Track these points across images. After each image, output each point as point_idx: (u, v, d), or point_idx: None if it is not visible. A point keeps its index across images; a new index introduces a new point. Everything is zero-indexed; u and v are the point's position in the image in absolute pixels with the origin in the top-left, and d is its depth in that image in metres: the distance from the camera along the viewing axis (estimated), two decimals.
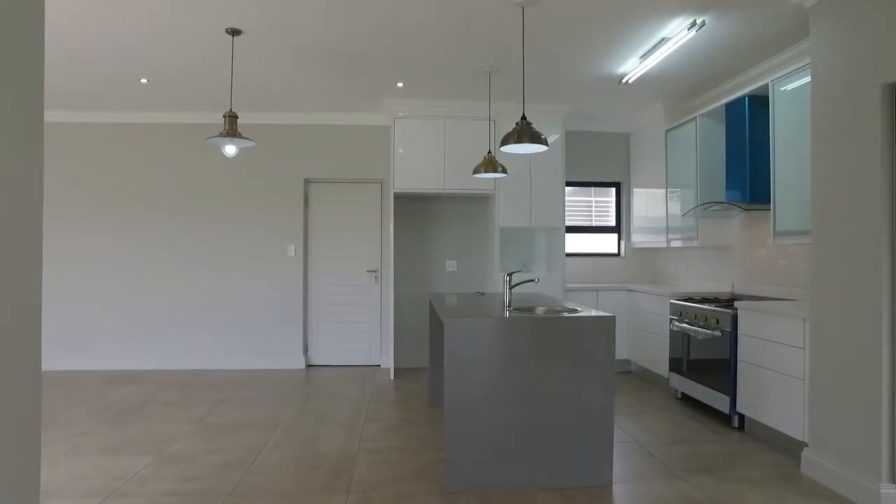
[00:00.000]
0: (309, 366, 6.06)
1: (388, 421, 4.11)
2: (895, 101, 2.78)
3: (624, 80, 4.66)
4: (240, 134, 3.54)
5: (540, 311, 3.36)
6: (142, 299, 5.87)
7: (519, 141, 3.25)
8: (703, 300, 4.52)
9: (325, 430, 3.88)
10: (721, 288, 5.03)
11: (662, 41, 3.85)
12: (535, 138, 3.24)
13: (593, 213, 6.47)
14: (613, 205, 6.44)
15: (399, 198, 5.95)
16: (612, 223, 6.43)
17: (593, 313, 3.10)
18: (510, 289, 3.52)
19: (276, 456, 3.39)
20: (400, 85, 4.96)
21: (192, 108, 5.71)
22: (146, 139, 5.89)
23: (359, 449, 3.52)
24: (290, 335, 5.97)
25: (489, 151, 4.54)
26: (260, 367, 5.92)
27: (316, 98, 5.37)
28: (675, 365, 4.68)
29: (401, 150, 5.48)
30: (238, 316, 5.94)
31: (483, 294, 4.51)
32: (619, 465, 3.23)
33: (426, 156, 5.51)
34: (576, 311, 3.21)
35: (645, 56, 4.15)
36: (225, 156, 5.00)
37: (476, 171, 4.46)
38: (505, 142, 3.31)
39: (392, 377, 5.50)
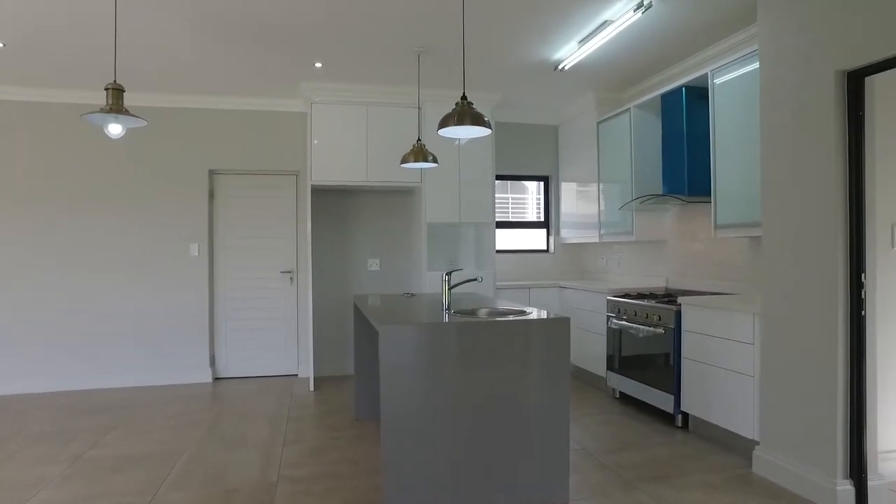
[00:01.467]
0: (217, 379, 5.41)
1: (310, 441, 3.63)
2: (850, 88, 2.69)
3: (560, 67, 4.44)
4: (127, 111, 2.94)
5: (483, 313, 3.03)
6: (7, 309, 4.98)
7: (459, 123, 2.89)
8: (640, 296, 4.39)
9: (237, 458, 3.34)
10: (655, 283, 4.95)
11: (605, 24, 3.63)
12: (478, 120, 2.90)
13: (510, 209, 6.26)
14: (542, 199, 6.26)
15: (317, 191, 5.44)
16: (533, 218, 6.25)
17: (545, 315, 2.80)
18: (449, 290, 3.16)
19: (176, 498, 2.83)
20: (318, 65, 4.47)
21: (71, 84, 4.90)
22: (8, 120, 4.99)
23: (278, 478, 3.03)
24: (195, 345, 5.29)
25: (418, 139, 4.16)
26: (158, 383, 5.20)
27: (223, 79, 4.76)
28: (612, 364, 4.53)
29: (317, 142, 4.98)
30: (130, 325, 5.19)
31: (413, 295, 4.12)
32: (573, 479, 2.97)
33: (347, 145, 5.05)
34: (523, 312, 2.91)
35: (584, 41, 3.92)
36: (110, 138, 4.29)
37: (405, 160, 4.07)
38: (444, 124, 2.95)
39: (312, 388, 5.00)
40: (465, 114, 2.90)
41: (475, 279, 3.25)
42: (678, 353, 3.75)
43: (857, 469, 2.68)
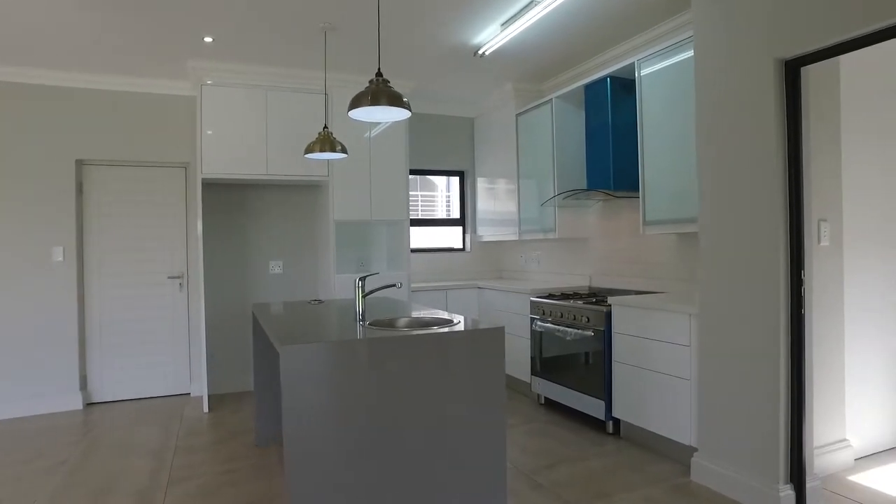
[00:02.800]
0: (90, 404, 4.64)
1: (201, 479, 3.08)
2: (788, 78, 2.56)
3: (480, 52, 4.13)
4: None
5: (402, 324, 2.64)
6: None
7: (374, 102, 2.49)
8: (565, 296, 4.18)
9: None
10: (577, 282, 4.78)
11: (531, 4, 3.36)
12: (395, 100, 2.51)
13: (420, 205, 5.93)
14: (458, 195, 5.96)
15: (209, 185, 4.82)
16: (442, 215, 5.95)
17: (475, 324, 2.46)
18: (363, 297, 2.74)
19: None
20: (208, 40, 3.89)
21: None
22: None
23: None
24: (61, 366, 4.50)
25: (325, 127, 3.70)
26: (12, 414, 4.37)
27: (91, 53, 4.03)
28: (537, 368, 4.30)
29: (210, 132, 4.37)
30: None
31: (321, 302, 3.66)
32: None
33: (243, 134, 4.47)
34: (449, 322, 2.55)
35: (508, 23, 3.64)
36: None
37: (309, 150, 3.60)
38: (356, 104, 2.54)
39: (206, 409, 4.39)
40: (380, 93, 2.50)
41: (393, 285, 2.85)
42: (608, 356, 3.56)
43: (798, 473, 2.57)
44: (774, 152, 2.55)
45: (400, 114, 2.62)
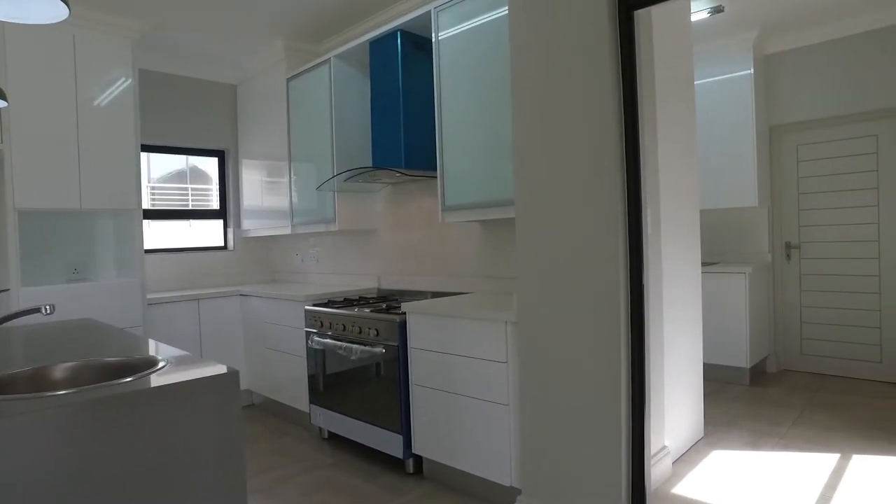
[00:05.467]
0: None
1: None
2: (630, 25, 2.04)
3: None
4: None
5: (63, 375, 1.54)
6: None
7: None
8: (348, 302, 3.36)
9: None
10: (365, 283, 3.98)
11: None
12: None
13: (147, 195, 4.65)
14: (217, 181, 4.75)
15: None
16: (198, 205, 4.74)
17: (194, 371, 1.47)
18: None
19: None
20: None
21: None
22: None
23: None
24: None
25: None
26: None
27: None
28: (318, 395, 3.39)
29: None
30: None
31: None
32: None
33: None
34: (152, 364, 1.52)
35: None
36: None
37: None
38: None
39: None
40: None
41: (36, 310, 1.69)
42: (404, 377, 2.81)
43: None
44: (610, 118, 2.02)
45: (52, 14, 1.51)
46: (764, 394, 4.02)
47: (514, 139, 2.31)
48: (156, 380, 1.33)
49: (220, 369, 1.42)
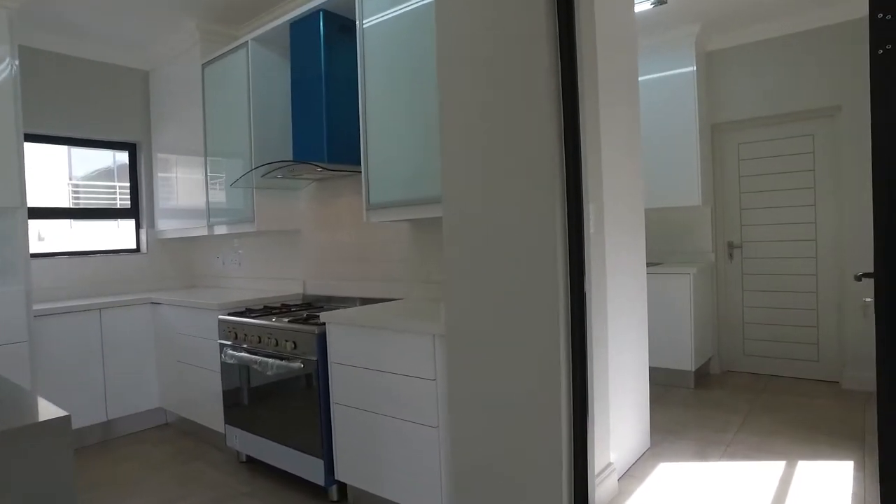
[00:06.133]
0: None
1: None
2: (569, 11, 1.82)
3: None
4: None
5: None
6: None
7: None
8: (268, 310, 3.04)
9: None
10: (289, 288, 3.65)
11: None
12: None
13: (69, 193, 4.20)
14: (127, 177, 4.30)
15: None
16: (111, 204, 4.30)
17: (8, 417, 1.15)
18: None
19: None
20: None
21: None
22: None
23: None
24: None
25: None
26: None
27: None
28: (234, 415, 3.05)
29: None
30: None
31: None
32: None
33: None
34: None
35: None
36: None
37: None
38: None
39: None
40: None
41: None
42: (325, 396, 2.52)
43: None
44: (549, 108, 1.79)
45: None
46: (709, 397, 3.92)
47: (441, 134, 2.05)
48: None
49: (48, 413, 1.10)
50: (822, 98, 4.10)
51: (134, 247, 4.28)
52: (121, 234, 4.24)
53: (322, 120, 2.91)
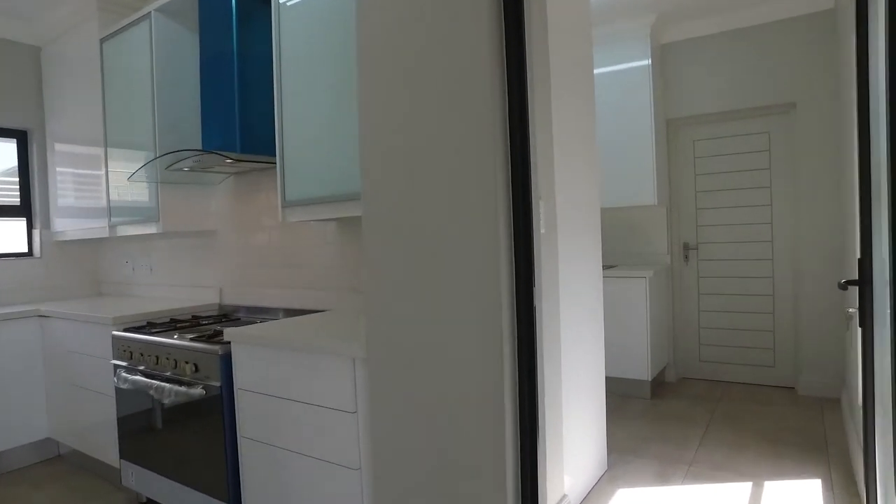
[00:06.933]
0: None
1: None
2: None
3: None
4: None
5: None
6: None
7: None
8: (174, 325, 2.60)
9: None
10: (205, 297, 3.20)
11: None
12: None
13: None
14: (16, 172, 3.75)
15: None
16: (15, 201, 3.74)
17: None
18: None
19: None
20: None
21: None
22: None
23: None
24: None
25: None
26: None
27: None
28: (130, 448, 2.59)
29: None
30: None
31: None
32: None
33: None
34: None
35: None
36: None
37: None
38: None
39: None
40: None
41: None
42: (231, 428, 2.11)
43: None
44: (491, 99, 1.46)
45: None
46: (667, 408, 3.69)
47: (359, 116, 1.69)
48: None
49: None
50: (778, 94, 3.94)
51: (25, 250, 3.73)
52: (9, 235, 3.68)
53: (234, 104, 2.50)
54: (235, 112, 2.49)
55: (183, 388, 2.19)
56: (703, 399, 3.86)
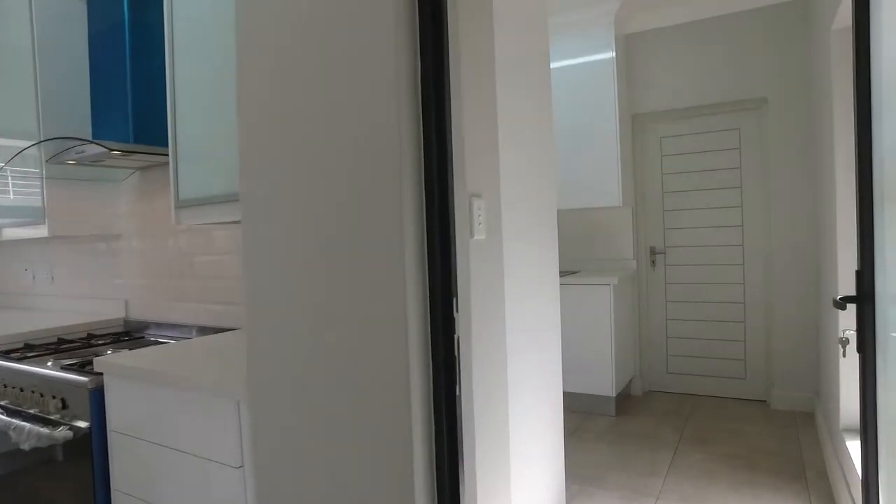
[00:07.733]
0: None
1: None
2: None
3: None
4: None
5: None
6: None
7: None
8: (60, 345, 2.19)
9: None
10: (109, 312, 2.78)
11: None
12: None
13: None
14: None
15: None
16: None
17: None
18: None
19: None
20: None
21: None
22: None
23: None
24: None
25: None
26: None
27: None
28: None
29: None
30: None
31: None
32: None
33: None
34: None
35: None
36: None
37: None
38: None
39: None
40: None
41: None
42: (103, 480, 1.72)
43: None
44: (395, 87, 1.11)
45: None
46: (632, 427, 3.40)
47: (238, 110, 1.33)
48: None
49: None
50: (749, 89, 3.70)
51: None
52: None
53: (126, 87, 2.10)
54: (128, 95, 2.10)
55: (46, 430, 1.78)
56: (672, 415, 3.59)
